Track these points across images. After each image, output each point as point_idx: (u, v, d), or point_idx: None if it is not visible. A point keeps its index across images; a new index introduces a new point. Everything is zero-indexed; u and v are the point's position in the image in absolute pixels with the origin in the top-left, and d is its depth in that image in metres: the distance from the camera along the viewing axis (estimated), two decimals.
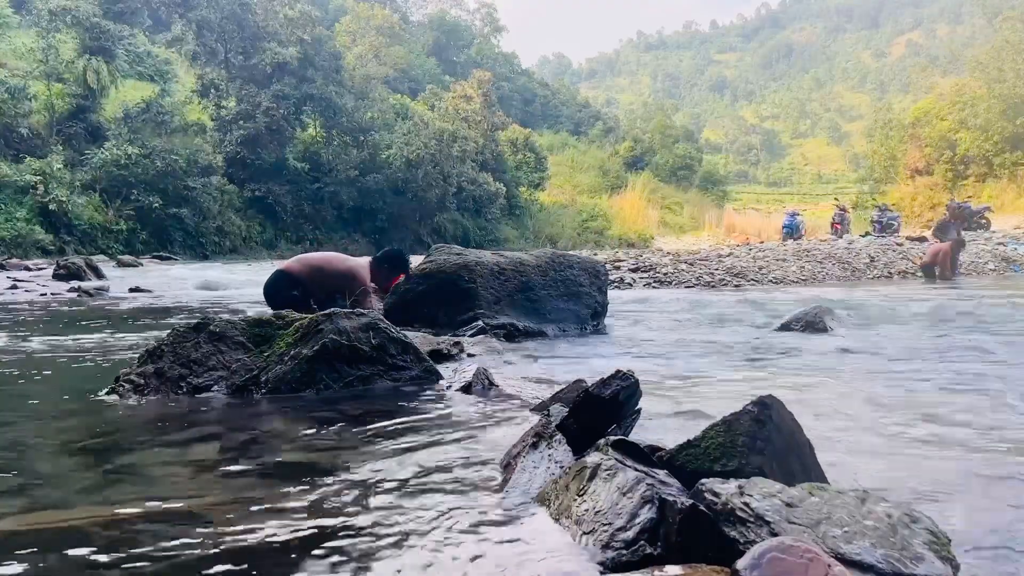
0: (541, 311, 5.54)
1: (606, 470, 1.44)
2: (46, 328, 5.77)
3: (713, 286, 10.98)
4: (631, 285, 10.94)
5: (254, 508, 1.62)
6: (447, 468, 1.92)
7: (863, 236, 21.13)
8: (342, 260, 5.21)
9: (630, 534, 1.29)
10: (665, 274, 11.65)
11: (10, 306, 7.68)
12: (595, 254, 17.34)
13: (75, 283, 10.44)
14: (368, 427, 2.39)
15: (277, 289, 4.98)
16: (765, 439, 1.46)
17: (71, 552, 1.40)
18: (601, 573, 1.26)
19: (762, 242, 23.48)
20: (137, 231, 23.54)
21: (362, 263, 5.11)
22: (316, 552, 1.38)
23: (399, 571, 1.30)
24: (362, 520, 1.54)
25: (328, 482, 1.81)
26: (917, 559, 1.17)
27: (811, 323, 5.39)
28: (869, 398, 2.99)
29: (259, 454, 2.10)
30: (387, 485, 1.78)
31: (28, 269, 14.40)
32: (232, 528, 1.50)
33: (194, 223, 25.24)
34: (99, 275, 12.42)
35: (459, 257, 5.62)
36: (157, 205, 23.56)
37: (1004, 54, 36.12)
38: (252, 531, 1.48)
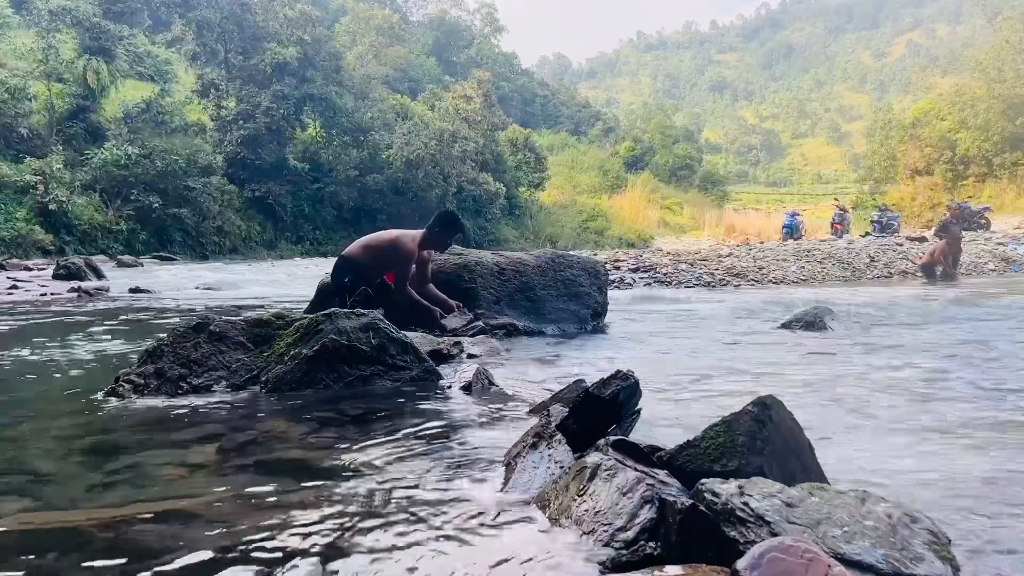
0: (541, 311, 5.54)
1: (606, 470, 1.44)
2: (46, 329, 5.77)
3: (713, 286, 10.98)
4: (631, 285, 10.95)
5: (254, 508, 1.62)
6: (447, 468, 1.92)
7: (863, 236, 21.13)
8: (387, 233, 5.21)
9: (630, 534, 1.29)
10: (665, 274, 11.65)
11: (10, 307, 7.68)
12: (595, 254, 17.32)
13: (75, 283, 10.43)
14: (368, 427, 2.39)
15: (334, 275, 5.09)
16: (765, 439, 1.46)
17: (71, 552, 1.40)
18: (601, 573, 1.26)
19: (762, 242, 23.46)
20: (137, 231, 23.51)
21: (408, 232, 5.09)
22: (317, 551, 1.38)
23: (398, 570, 1.30)
24: (362, 520, 1.54)
25: (328, 482, 1.81)
26: (917, 559, 1.17)
27: (811, 323, 5.40)
28: (869, 398, 2.99)
29: (259, 454, 2.10)
30: (387, 485, 1.78)
31: (28, 269, 14.39)
32: (232, 528, 1.50)
33: (194, 223, 25.20)
34: (99, 275, 12.40)
35: (459, 257, 5.63)
36: (157, 205, 23.54)
37: (1004, 54, 36.08)
38: (252, 531, 1.48)
